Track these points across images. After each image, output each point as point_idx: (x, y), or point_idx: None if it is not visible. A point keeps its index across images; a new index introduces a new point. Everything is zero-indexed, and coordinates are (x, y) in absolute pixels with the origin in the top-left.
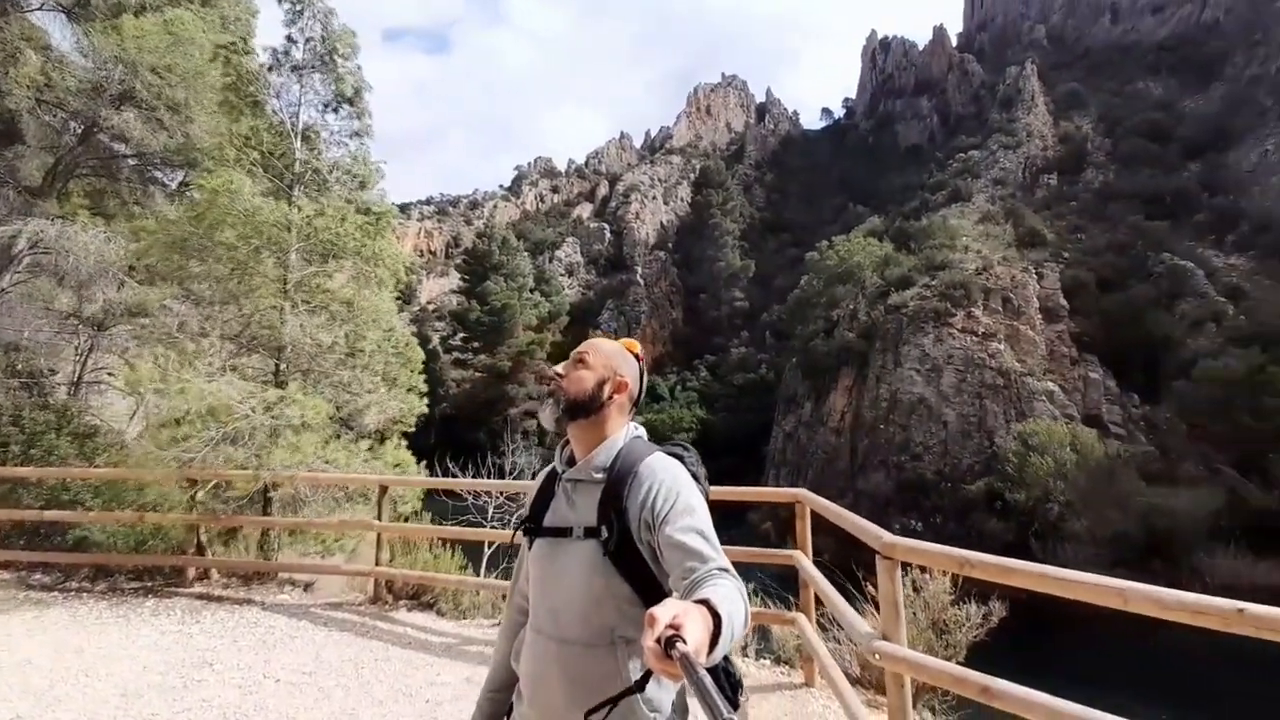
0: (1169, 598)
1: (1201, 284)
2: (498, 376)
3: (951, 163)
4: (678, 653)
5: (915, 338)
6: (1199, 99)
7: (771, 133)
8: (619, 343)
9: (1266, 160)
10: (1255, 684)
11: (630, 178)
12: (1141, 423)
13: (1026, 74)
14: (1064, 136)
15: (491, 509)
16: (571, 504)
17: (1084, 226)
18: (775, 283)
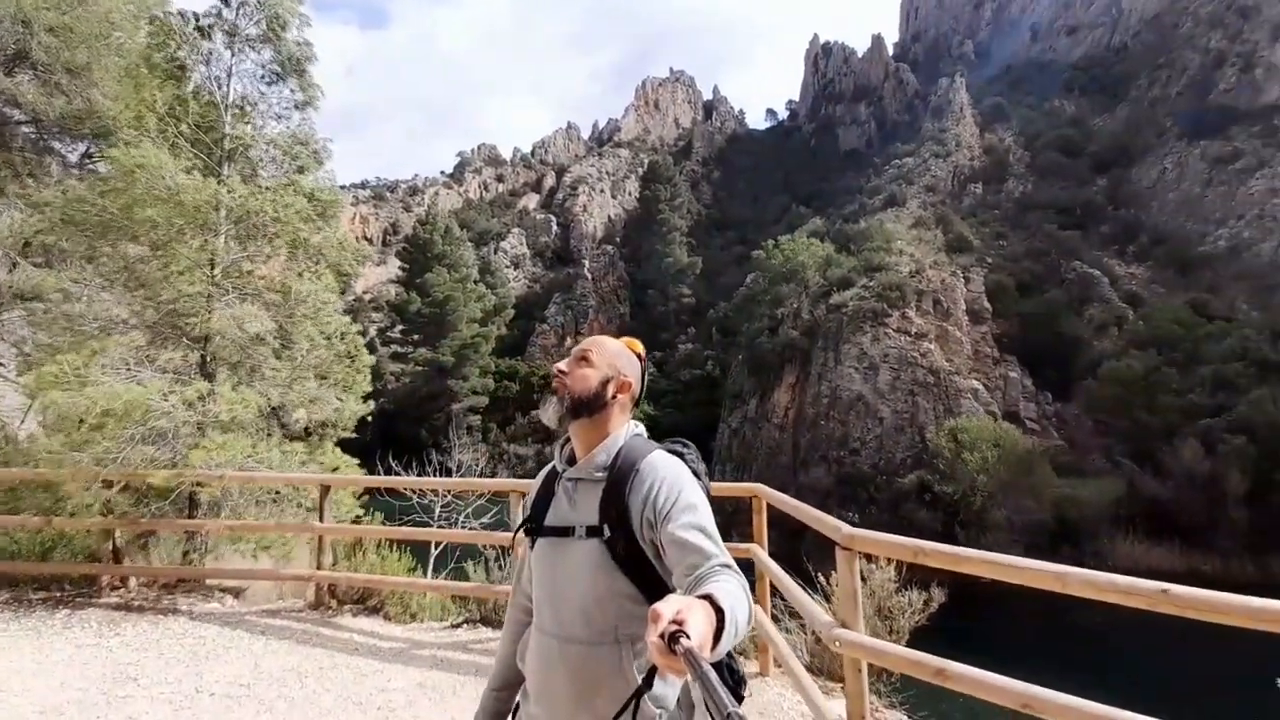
0: (1103, 580)
1: (1106, 291)
2: (439, 371)
3: (888, 168)
4: (682, 648)
5: (855, 337)
6: (1107, 117)
7: (718, 130)
8: (621, 341)
9: (1165, 177)
10: (1152, 651)
11: (578, 169)
12: (1054, 418)
13: (956, 86)
14: (988, 148)
15: (438, 508)
16: (573, 503)
17: (1005, 234)
18: (721, 280)
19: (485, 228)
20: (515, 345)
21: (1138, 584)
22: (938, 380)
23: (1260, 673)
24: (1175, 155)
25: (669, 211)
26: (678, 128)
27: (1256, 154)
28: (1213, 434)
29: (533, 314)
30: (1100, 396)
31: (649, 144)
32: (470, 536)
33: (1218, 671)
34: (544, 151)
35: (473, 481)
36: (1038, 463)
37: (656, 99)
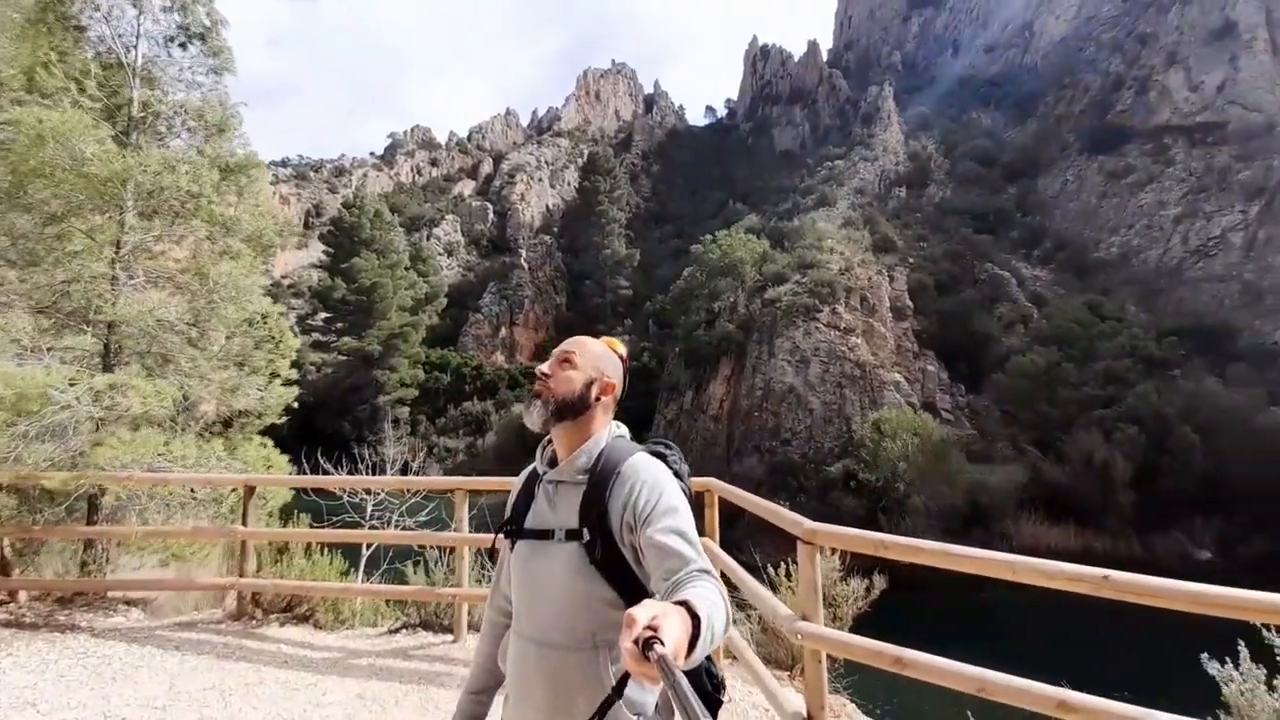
0: (1050, 568)
1: (1014, 291)
2: (365, 361)
3: (820, 170)
4: (655, 655)
5: (788, 331)
6: (1018, 131)
7: (659, 125)
8: (603, 342)
9: (1066, 188)
10: (1064, 629)
11: (516, 157)
12: (966, 409)
13: (884, 95)
14: (913, 154)
15: (371, 507)
16: (553, 506)
17: (926, 236)
18: (658, 273)
19: (417, 213)
20: (448, 335)
21: (1081, 571)
22: (864, 373)
23: (1173, 647)
24: (1076, 168)
25: (608, 203)
26: (618, 120)
27: (1146, 170)
28: (1105, 424)
29: (466, 303)
30: (1007, 389)
31: (589, 134)
32: (414, 537)
33: (1127, 647)
34: (481, 137)
35: (414, 480)
36: (952, 451)
37: (598, 90)
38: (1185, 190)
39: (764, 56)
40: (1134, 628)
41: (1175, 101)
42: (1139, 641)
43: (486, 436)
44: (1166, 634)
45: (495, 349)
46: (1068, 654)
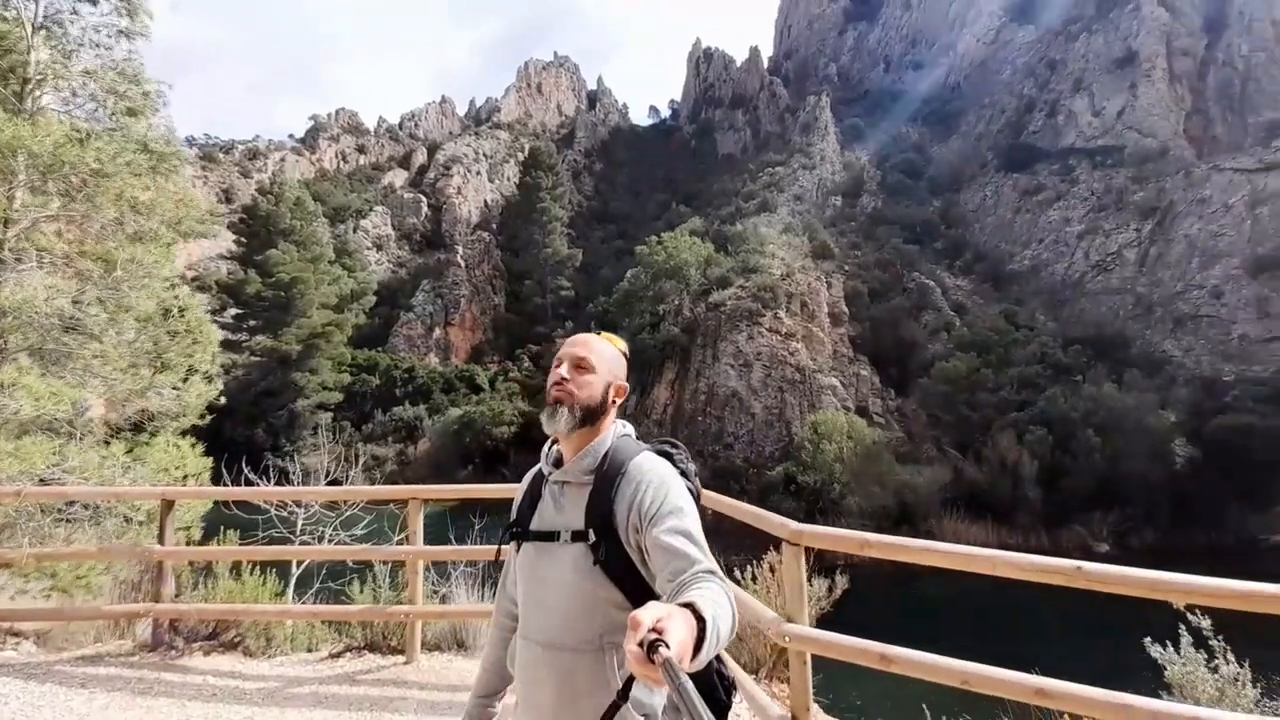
0: (1025, 561)
1: (939, 300)
2: (282, 362)
3: (762, 175)
4: (660, 657)
5: (731, 335)
6: (943, 147)
7: (602, 122)
8: (604, 339)
9: (985, 203)
10: (999, 617)
11: (452, 148)
12: (896, 412)
13: (822, 105)
14: (848, 165)
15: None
16: (559, 507)
17: (860, 244)
18: (601, 273)
19: (343, 203)
20: (376, 335)
21: (1056, 563)
22: (803, 378)
23: (1110, 633)
24: (993, 185)
25: (550, 200)
26: (560, 114)
27: (1055, 188)
28: (1018, 426)
29: (397, 301)
30: (932, 393)
31: (530, 128)
32: (362, 552)
33: (1062, 635)
34: (414, 125)
35: (363, 490)
36: (882, 453)
37: (539, 82)
38: (1088, 208)
39: (707, 60)
40: (1063, 615)
41: (1080, 125)
42: (1071, 629)
43: (419, 443)
44: (1102, 620)
45: (428, 350)
46: (1007, 643)
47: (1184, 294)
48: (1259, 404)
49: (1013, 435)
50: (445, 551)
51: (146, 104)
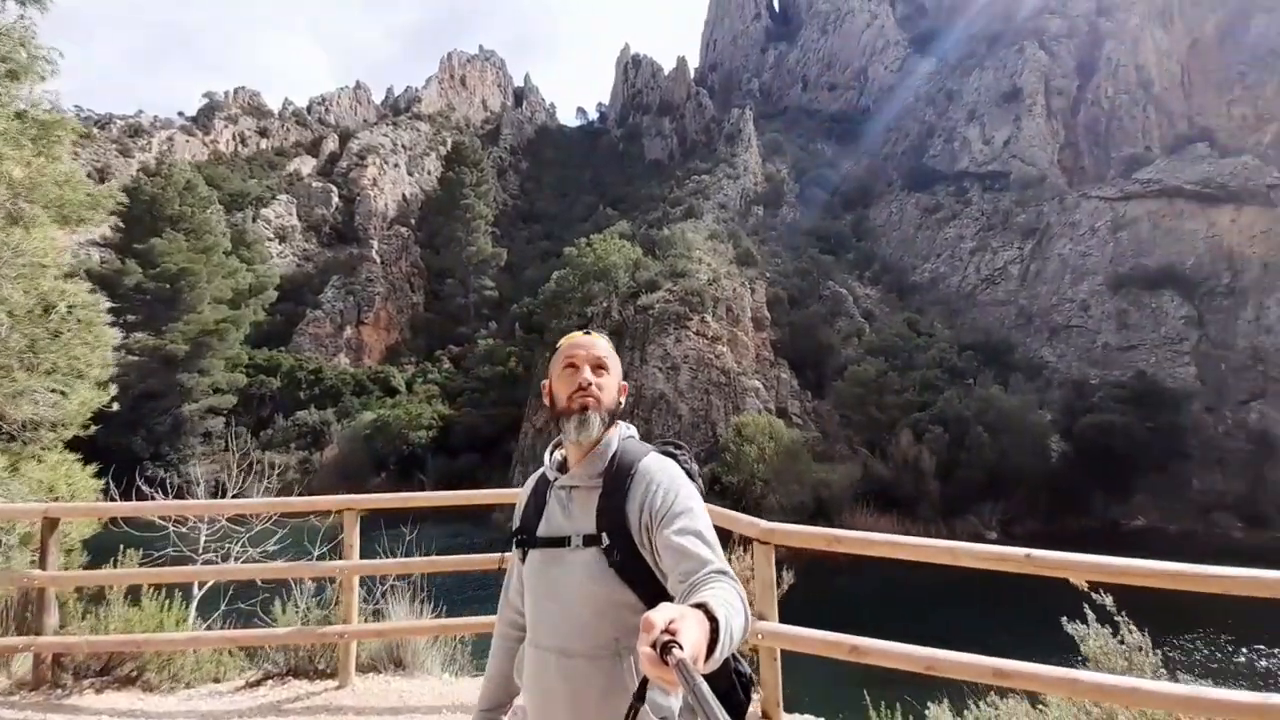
0: (981, 551)
1: (851, 307)
2: (166, 363)
3: (688, 182)
4: (673, 659)
5: (659, 338)
6: (854, 164)
7: (529, 120)
8: (598, 336)
9: (890, 219)
10: (916, 606)
11: (368, 137)
12: (812, 413)
13: (745, 118)
14: (769, 176)
15: (204, 537)
16: (567, 511)
17: (780, 253)
18: (526, 274)
19: (241, 189)
20: (278, 333)
21: (1008, 552)
22: (728, 380)
23: (1021, 613)
24: (898, 202)
25: (474, 197)
26: (485, 110)
27: (950, 208)
28: (920, 425)
29: (303, 298)
30: (845, 395)
31: (453, 122)
32: (289, 569)
33: (985, 616)
34: (325, 110)
35: (293, 501)
36: (801, 452)
37: (464, 75)
38: (978, 227)
39: (635, 66)
40: (971, 598)
41: (973, 152)
42: (976, 612)
43: (325, 449)
44: (1013, 603)
45: (338, 350)
46: (931, 627)
47: (1058, 306)
48: (1119, 404)
49: (914, 434)
50: (387, 565)
51: (32, 67)
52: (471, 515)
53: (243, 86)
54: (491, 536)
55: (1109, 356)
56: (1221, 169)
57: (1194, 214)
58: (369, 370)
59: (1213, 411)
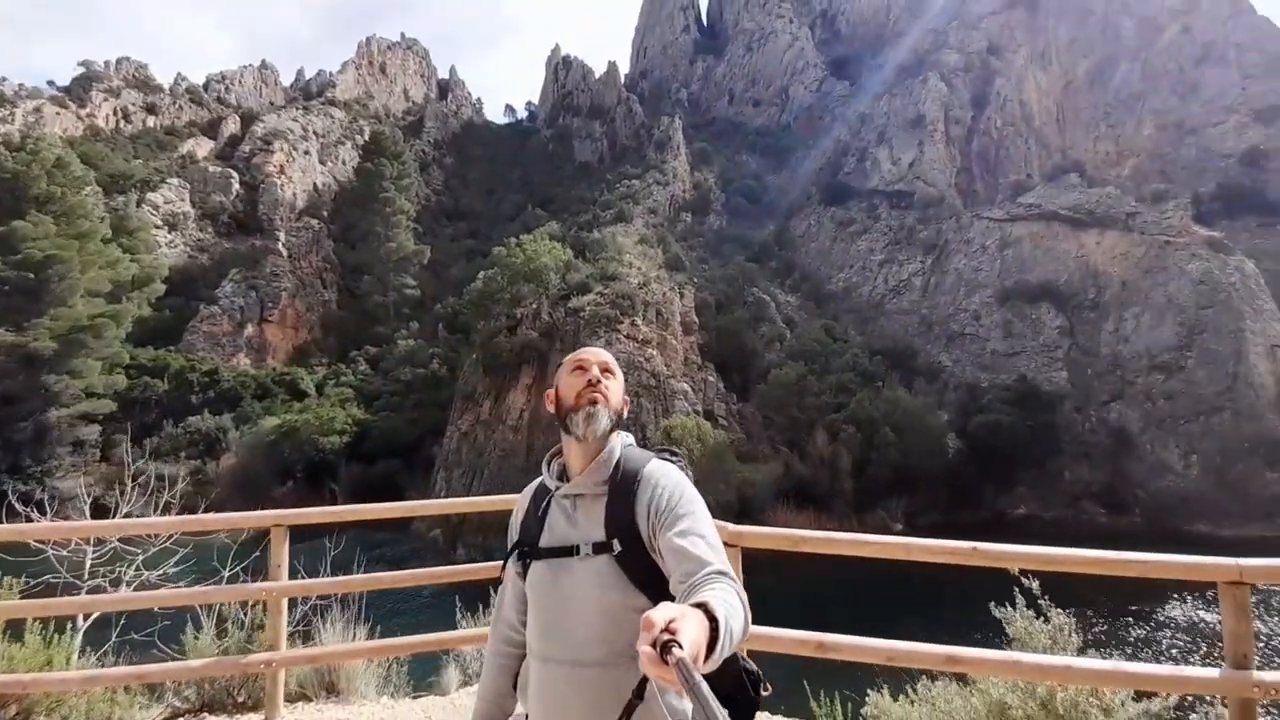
0: (933, 546)
1: (773, 313)
2: (29, 362)
3: (619, 186)
4: (674, 658)
5: (590, 340)
6: (776, 177)
7: (454, 114)
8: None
9: (809, 231)
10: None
11: (275, 121)
12: (737, 415)
13: (675, 126)
14: (697, 184)
15: (90, 561)
16: (572, 520)
17: (708, 259)
18: (450, 272)
19: (123, 170)
20: (167, 331)
21: (957, 545)
22: (658, 383)
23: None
24: (816, 215)
25: (395, 191)
26: (407, 100)
27: (862, 222)
28: (835, 426)
29: (197, 292)
30: (768, 397)
31: (372, 111)
32: (208, 594)
33: (909, 603)
34: (224, 88)
35: (209, 518)
36: (727, 453)
37: (384, 63)
38: (887, 242)
39: (566, 67)
40: (891, 586)
41: (882, 171)
42: (895, 603)
43: (221, 458)
44: (931, 591)
45: (237, 350)
46: (865, 619)
47: (954, 316)
48: (1005, 405)
49: (830, 434)
50: (323, 584)
51: None
52: (390, 524)
53: (126, 57)
54: (413, 547)
55: (996, 362)
56: (1089, 197)
57: (1067, 236)
58: (273, 372)
59: (1080, 411)
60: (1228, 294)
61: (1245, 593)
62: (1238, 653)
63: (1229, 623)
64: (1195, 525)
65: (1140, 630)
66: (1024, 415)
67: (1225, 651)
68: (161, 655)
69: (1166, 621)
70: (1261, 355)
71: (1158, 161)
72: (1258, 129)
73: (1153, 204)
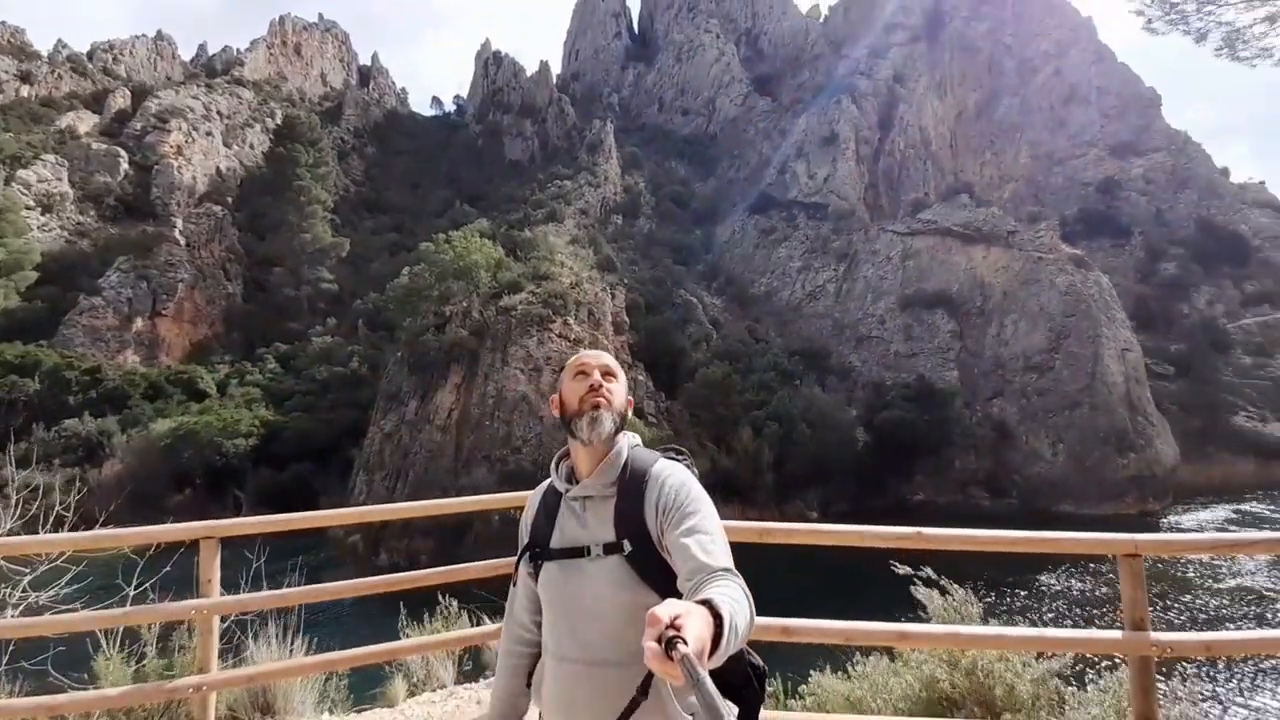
0: (885, 532)
1: (700, 315)
2: None
3: (550, 186)
4: (678, 654)
5: (522, 340)
6: (702, 184)
7: (376, 103)
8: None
9: (734, 237)
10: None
11: (172, 97)
12: (666, 413)
13: (607, 130)
14: (627, 188)
15: None
16: (582, 522)
17: (637, 261)
18: (372, 267)
19: None
20: (39, 323)
21: (904, 531)
22: None
23: None
24: (740, 222)
25: (311, 179)
26: (325, 85)
27: (783, 231)
28: (758, 422)
29: (76, 281)
30: (695, 395)
31: (285, 93)
32: (128, 617)
33: (820, 585)
34: (112, 59)
35: (124, 534)
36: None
37: (299, 43)
38: (804, 250)
39: (496, 63)
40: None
41: (801, 184)
42: (816, 585)
43: (104, 465)
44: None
45: (124, 346)
46: (783, 600)
47: (862, 320)
48: (906, 402)
49: (754, 430)
50: (258, 599)
51: None
52: (304, 531)
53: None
54: (330, 554)
55: (899, 362)
56: (977, 216)
57: (959, 250)
58: (168, 370)
59: (968, 406)
60: (1088, 304)
61: (1140, 563)
62: (1135, 616)
63: (1127, 590)
64: (1061, 506)
65: (1019, 601)
66: (921, 411)
67: (1124, 616)
68: (57, 685)
69: (1042, 592)
70: (1114, 357)
71: (1032, 187)
72: (1113, 162)
73: (1028, 224)
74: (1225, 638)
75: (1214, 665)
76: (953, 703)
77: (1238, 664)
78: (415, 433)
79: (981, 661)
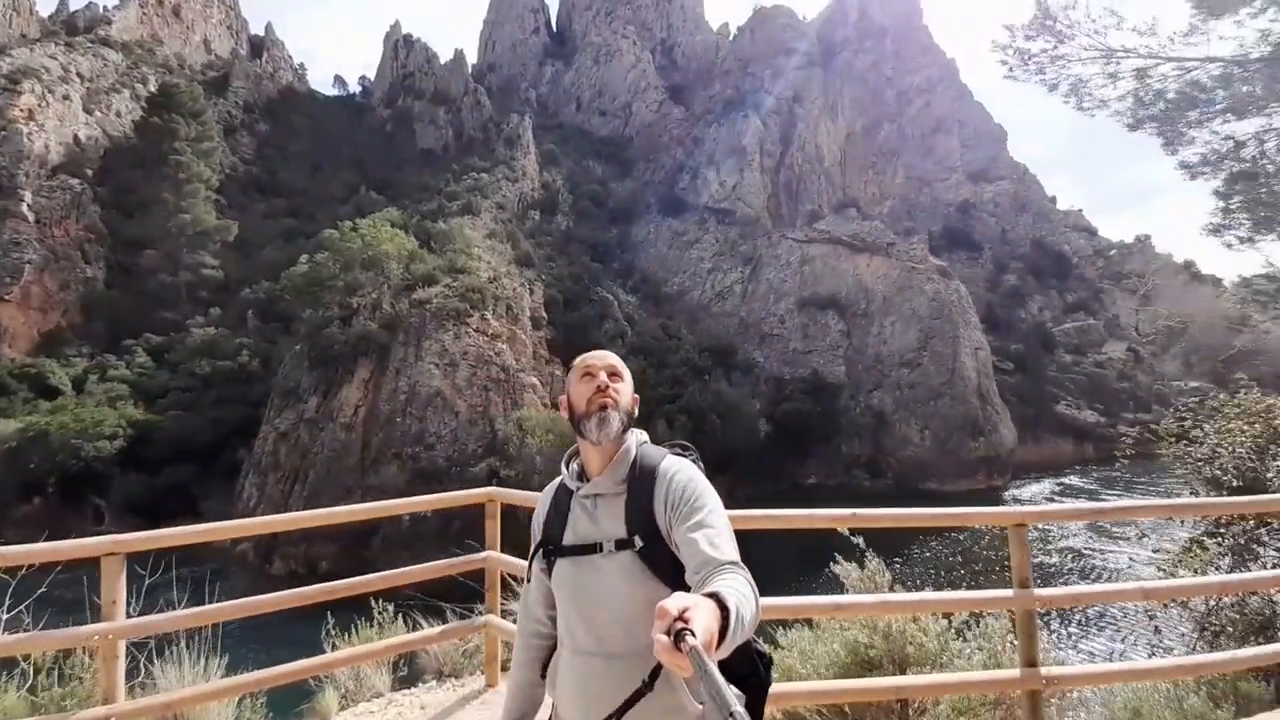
0: (821, 514)
1: (616, 311)
2: None
3: (466, 178)
4: (687, 646)
5: (437, 334)
6: (619, 185)
7: (270, 77)
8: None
9: (648, 237)
10: None
11: (25, 56)
12: None
13: (525, 125)
14: (545, 184)
15: None
16: (594, 519)
17: (555, 257)
18: (264, 254)
19: None
20: None
21: (840, 513)
22: (508, 377)
23: None
24: (654, 224)
25: (192, 155)
26: (209, 53)
27: (694, 234)
28: (671, 415)
29: None
30: None
31: (160, 58)
32: (20, 644)
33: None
34: None
35: (23, 549)
36: None
37: (177, 5)
38: (714, 252)
39: (407, 46)
40: None
41: (711, 190)
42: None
43: None
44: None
45: None
46: None
47: (765, 319)
48: (803, 394)
49: (668, 422)
50: (172, 619)
51: None
52: None
53: None
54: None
55: (796, 358)
56: (863, 228)
57: (847, 258)
58: (12, 364)
59: (853, 398)
60: (950, 309)
61: (1025, 532)
62: (1022, 576)
63: (1015, 555)
64: (928, 483)
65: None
66: (815, 402)
67: (1014, 577)
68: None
69: (914, 558)
70: (969, 355)
71: (906, 204)
72: (969, 186)
73: (904, 237)
74: (1087, 590)
75: (1049, 615)
76: (871, 662)
77: (1067, 614)
78: (316, 431)
79: (896, 625)
